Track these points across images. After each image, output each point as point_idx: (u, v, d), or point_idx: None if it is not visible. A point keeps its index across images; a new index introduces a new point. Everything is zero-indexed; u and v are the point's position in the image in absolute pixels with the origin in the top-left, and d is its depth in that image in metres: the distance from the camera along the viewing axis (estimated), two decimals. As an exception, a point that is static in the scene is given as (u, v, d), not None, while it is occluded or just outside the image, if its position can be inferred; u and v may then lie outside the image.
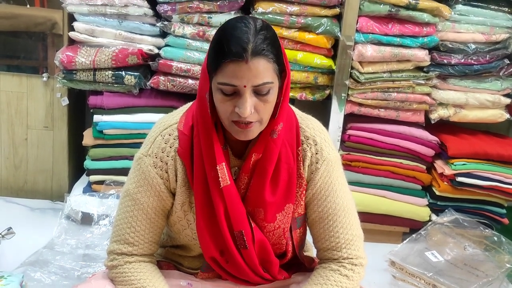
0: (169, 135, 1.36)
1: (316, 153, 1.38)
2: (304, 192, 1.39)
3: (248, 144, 1.34)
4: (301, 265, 1.52)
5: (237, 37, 1.18)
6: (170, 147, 1.36)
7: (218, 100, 1.23)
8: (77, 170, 2.89)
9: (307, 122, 1.42)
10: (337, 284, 1.36)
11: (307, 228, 1.50)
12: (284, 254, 1.44)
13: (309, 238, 1.57)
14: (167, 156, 1.36)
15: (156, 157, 1.36)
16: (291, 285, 1.46)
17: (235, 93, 1.21)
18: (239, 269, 1.38)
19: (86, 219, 2.50)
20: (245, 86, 1.19)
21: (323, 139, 1.40)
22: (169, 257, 1.53)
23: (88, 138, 2.64)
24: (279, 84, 1.25)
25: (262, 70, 1.18)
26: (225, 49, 1.18)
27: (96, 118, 2.57)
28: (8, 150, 2.81)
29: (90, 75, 2.53)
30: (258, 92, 1.21)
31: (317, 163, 1.38)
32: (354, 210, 1.44)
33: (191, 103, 1.43)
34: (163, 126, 1.39)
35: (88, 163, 2.64)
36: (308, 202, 1.41)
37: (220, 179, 1.30)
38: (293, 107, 1.44)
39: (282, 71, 1.25)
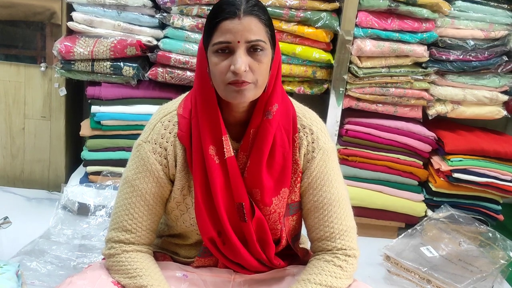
0: (169, 121, 1.39)
1: (313, 142, 1.42)
2: (299, 179, 1.42)
3: (245, 128, 1.37)
4: (295, 257, 1.53)
5: (230, 0, 1.27)
6: (170, 133, 1.38)
7: (214, 64, 1.28)
8: (74, 160, 2.89)
9: (304, 112, 1.45)
10: (331, 275, 1.37)
11: (302, 220, 1.52)
12: (278, 240, 1.45)
13: (303, 232, 1.58)
14: (167, 142, 1.38)
15: (155, 143, 1.38)
16: (286, 277, 1.46)
17: (230, 52, 1.27)
18: (236, 251, 1.40)
19: (83, 210, 2.50)
20: (238, 42, 1.25)
21: (319, 129, 1.44)
22: (165, 248, 1.54)
23: (85, 128, 2.63)
24: (272, 54, 1.31)
25: (254, 27, 1.26)
26: (219, 10, 1.27)
27: (94, 108, 2.57)
28: (5, 140, 2.81)
29: (88, 65, 2.52)
30: (252, 49, 1.27)
31: (313, 152, 1.41)
32: (348, 201, 1.46)
33: (189, 92, 1.46)
34: (163, 113, 1.42)
35: (85, 154, 2.64)
36: (304, 191, 1.43)
37: (224, 149, 1.33)
38: (291, 99, 1.47)
39: (274, 44, 1.32)
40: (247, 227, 1.38)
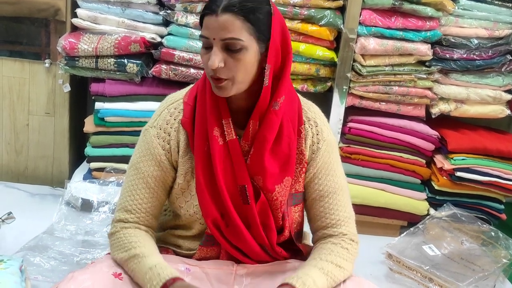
0: (175, 109, 1.45)
1: (317, 134, 1.47)
2: (303, 169, 1.46)
3: (249, 115, 1.40)
4: (298, 253, 1.54)
5: None
6: (175, 120, 1.44)
7: (201, 55, 1.35)
8: (77, 156, 2.90)
9: (308, 105, 1.52)
10: (340, 256, 1.41)
11: (305, 215, 1.54)
12: (281, 229, 1.48)
13: (306, 228, 1.59)
14: (171, 128, 1.44)
15: (160, 129, 1.44)
16: (288, 270, 1.46)
17: (211, 47, 1.31)
18: (239, 234, 1.41)
19: (86, 206, 2.51)
20: (214, 39, 1.29)
21: (322, 122, 1.49)
22: (167, 241, 1.55)
23: (89, 125, 2.64)
24: (259, 50, 1.32)
25: (229, 25, 1.28)
26: (205, 5, 1.32)
27: (98, 105, 2.57)
28: (10, 136, 2.82)
29: (93, 62, 2.53)
30: (228, 47, 1.29)
31: (318, 143, 1.46)
32: (348, 191, 1.52)
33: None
34: (170, 101, 1.48)
35: (88, 150, 2.65)
36: (309, 182, 1.48)
37: (225, 132, 1.38)
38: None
39: (265, 39, 1.32)
40: (251, 210, 1.41)
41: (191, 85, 1.51)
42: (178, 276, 1.31)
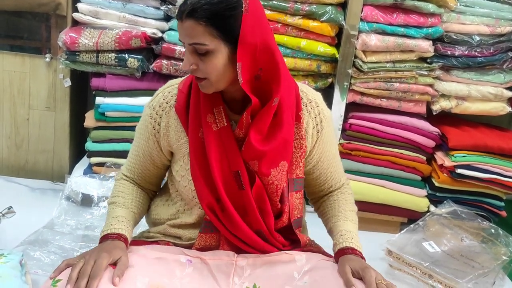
0: (169, 93, 1.53)
1: (319, 114, 1.55)
2: (303, 154, 1.51)
3: (245, 102, 1.45)
4: (296, 243, 1.55)
5: (182, 2, 1.34)
6: (167, 103, 1.51)
7: None
8: (78, 151, 2.90)
9: (306, 88, 1.58)
10: (350, 202, 1.64)
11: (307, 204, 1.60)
12: (280, 214, 1.50)
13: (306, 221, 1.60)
14: (162, 111, 1.51)
15: (153, 110, 1.52)
16: (289, 261, 1.46)
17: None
18: (233, 221, 1.44)
19: (86, 201, 2.51)
20: (184, 43, 1.37)
21: (321, 101, 1.58)
22: (168, 234, 1.56)
23: (89, 120, 2.64)
24: (230, 50, 1.34)
25: (192, 31, 1.32)
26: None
27: (98, 100, 2.57)
28: (10, 130, 2.82)
29: (93, 57, 2.53)
30: (197, 50, 1.35)
31: (321, 122, 1.55)
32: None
33: None
34: (167, 85, 1.56)
35: (89, 145, 2.65)
36: (319, 158, 1.58)
37: (216, 120, 1.44)
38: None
39: (236, 39, 1.33)
40: (247, 195, 1.44)
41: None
42: (123, 235, 1.44)
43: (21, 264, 1.74)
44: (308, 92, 1.56)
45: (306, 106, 1.53)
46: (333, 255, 1.53)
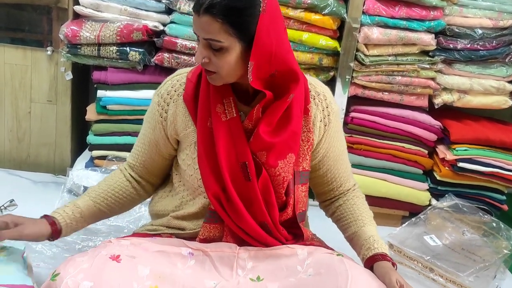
0: (177, 81, 1.55)
1: (327, 107, 1.56)
2: (310, 147, 1.53)
3: (255, 94, 1.46)
4: (299, 237, 1.56)
5: None
6: (175, 91, 1.53)
7: None
8: (80, 144, 2.90)
9: (314, 81, 1.60)
10: (365, 204, 1.70)
11: (313, 199, 1.64)
12: (284, 206, 1.51)
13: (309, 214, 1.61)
14: (170, 99, 1.53)
15: (161, 98, 1.55)
16: (292, 255, 1.47)
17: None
18: (238, 212, 1.45)
19: (88, 194, 2.51)
20: (198, 36, 1.38)
21: (329, 94, 1.60)
22: (171, 225, 1.57)
23: (91, 113, 2.64)
24: (244, 48, 1.36)
25: (209, 26, 1.33)
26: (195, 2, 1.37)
27: (100, 93, 2.57)
28: (12, 123, 2.82)
29: (95, 50, 2.52)
30: (211, 45, 1.36)
31: (329, 115, 1.56)
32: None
33: None
34: (176, 74, 1.58)
35: (91, 138, 2.65)
36: (327, 149, 1.59)
37: (226, 111, 1.44)
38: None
39: (251, 38, 1.34)
40: (253, 186, 1.44)
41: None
42: (51, 215, 1.54)
43: (23, 257, 1.74)
44: (316, 85, 1.57)
45: (314, 99, 1.54)
46: (334, 249, 1.54)
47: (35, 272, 1.86)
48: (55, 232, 1.54)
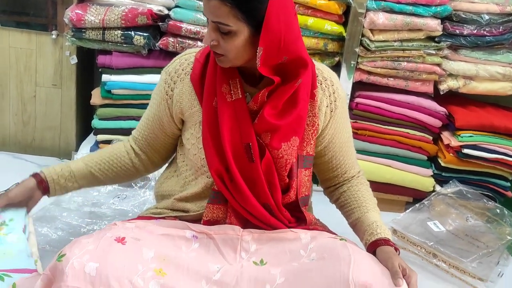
0: (185, 60, 1.56)
1: (334, 93, 1.57)
2: (315, 132, 1.53)
3: (262, 76, 1.46)
4: (301, 221, 1.57)
5: None
6: (183, 70, 1.55)
7: None
8: (84, 128, 2.91)
9: (322, 66, 1.61)
10: (369, 191, 1.70)
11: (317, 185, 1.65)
12: (287, 189, 1.53)
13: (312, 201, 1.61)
14: (178, 77, 1.55)
15: (168, 75, 1.57)
16: (295, 239, 1.48)
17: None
18: (241, 193, 1.46)
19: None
20: (208, 19, 1.39)
21: (336, 80, 1.60)
22: (175, 208, 1.59)
23: (96, 97, 2.64)
24: (252, 33, 1.36)
25: (217, 10, 1.34)
26: None
27: (105, 77, 2.57)
28: (17, 107, 2.83)
29: (99, 34, 2.52)
30: (219, 29, 1.37)
31: (335, 101, 1.57)
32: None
33: None
34: (185, 53, 1.60)
35: (95, 122, 2.66)
36: (332, 136, 1.60)
37: (232, 91, 1.46)
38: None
39: (260, 23, 1.34)
40: (256, 168, 1.46)
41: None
42: (40, 173, 1.59)
43: (24, 231, 1.64)
44: (324, 70, 1.58)
45: (321, 84, 1.54)
46: (337, 234, 1.55)
47: (40, 256, 1.86)
48: (41, 185, 1.61)
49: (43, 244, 2.02)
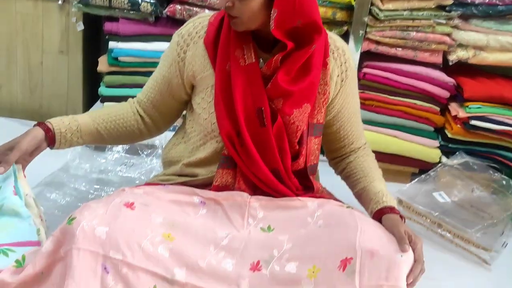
0: (199, 23, 1.56)
1: (345, 62, 1.57)
2: (326, 100, 1.54)
3: (276, 41, 1.46)
4: (308, 190, 1.58)
5: None
6: (196, 33, 1.55)
7: None
8: (91, 96, 2.91)
9: (335, 35, 1.61)
10: (375, 161, 1.72)
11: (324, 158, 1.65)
12: (297, 156, 1.53)
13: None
14: (191, 40, 1.55)
15: (181, 38, 1.56)
16: (303, 207, 1.49)
17: None
18: (251, 157, 1.47)
19: (100, 146, 2.53)
20: None
21: (348, 50, 1.61)
22: (184, 173, 1.60)
23: (103, 64, 2.64)
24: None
25: None
26: None
27: (112, 44, 2.56)
28: (24, 74, 2.82)
29: (106, 0, 2.50)
30: None
31: (346, 71, 1.57)
32: None
33: None
34: (198, 16, 1.60)
35: (102, 90, 2.65)
36: (341, 105, 1.60)
37: (245, 56, 1.46)
38: None
39: None
40: (267, 132, 1.46)
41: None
42: (47, 123, 1.56)
43: (16, 193, 1.49)
44: (336, 39, 1.58)
45: (333, 53, 1.54)
46: (344, 202, 1.55)
47: (49, 220, 1.86)
48: (49, 136, 1.55)
49: (52, 210, 2.04)
